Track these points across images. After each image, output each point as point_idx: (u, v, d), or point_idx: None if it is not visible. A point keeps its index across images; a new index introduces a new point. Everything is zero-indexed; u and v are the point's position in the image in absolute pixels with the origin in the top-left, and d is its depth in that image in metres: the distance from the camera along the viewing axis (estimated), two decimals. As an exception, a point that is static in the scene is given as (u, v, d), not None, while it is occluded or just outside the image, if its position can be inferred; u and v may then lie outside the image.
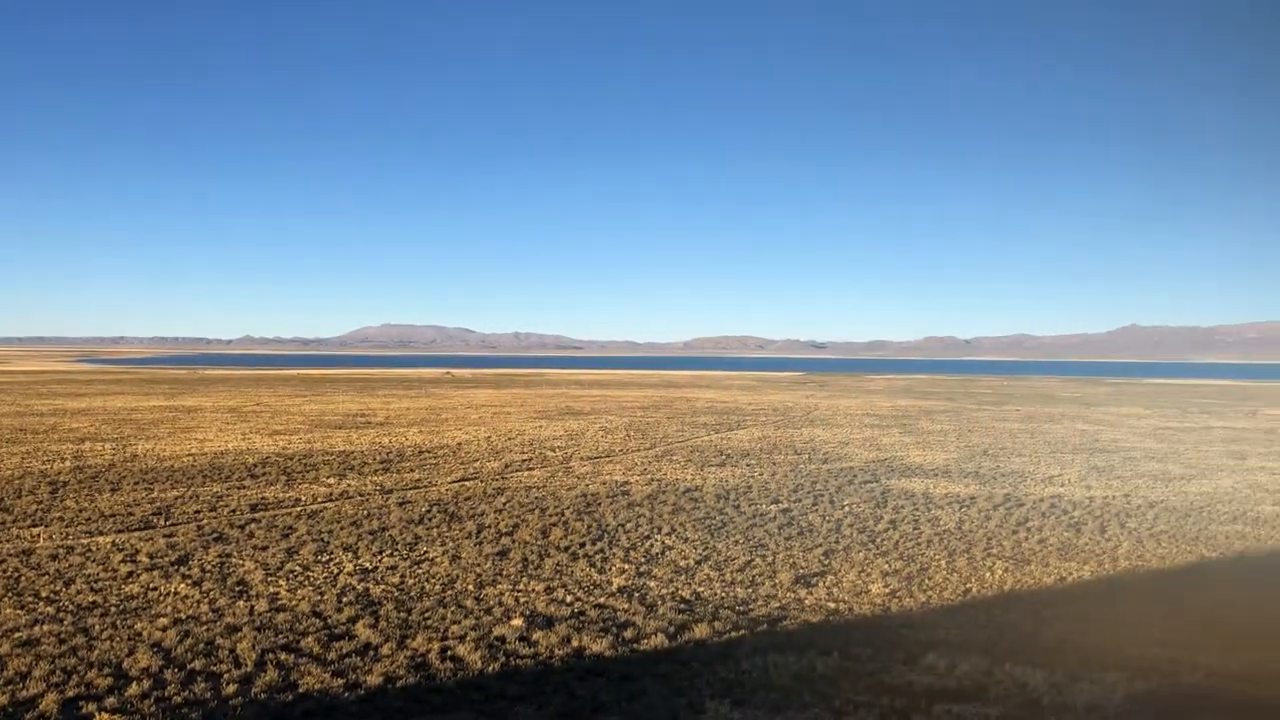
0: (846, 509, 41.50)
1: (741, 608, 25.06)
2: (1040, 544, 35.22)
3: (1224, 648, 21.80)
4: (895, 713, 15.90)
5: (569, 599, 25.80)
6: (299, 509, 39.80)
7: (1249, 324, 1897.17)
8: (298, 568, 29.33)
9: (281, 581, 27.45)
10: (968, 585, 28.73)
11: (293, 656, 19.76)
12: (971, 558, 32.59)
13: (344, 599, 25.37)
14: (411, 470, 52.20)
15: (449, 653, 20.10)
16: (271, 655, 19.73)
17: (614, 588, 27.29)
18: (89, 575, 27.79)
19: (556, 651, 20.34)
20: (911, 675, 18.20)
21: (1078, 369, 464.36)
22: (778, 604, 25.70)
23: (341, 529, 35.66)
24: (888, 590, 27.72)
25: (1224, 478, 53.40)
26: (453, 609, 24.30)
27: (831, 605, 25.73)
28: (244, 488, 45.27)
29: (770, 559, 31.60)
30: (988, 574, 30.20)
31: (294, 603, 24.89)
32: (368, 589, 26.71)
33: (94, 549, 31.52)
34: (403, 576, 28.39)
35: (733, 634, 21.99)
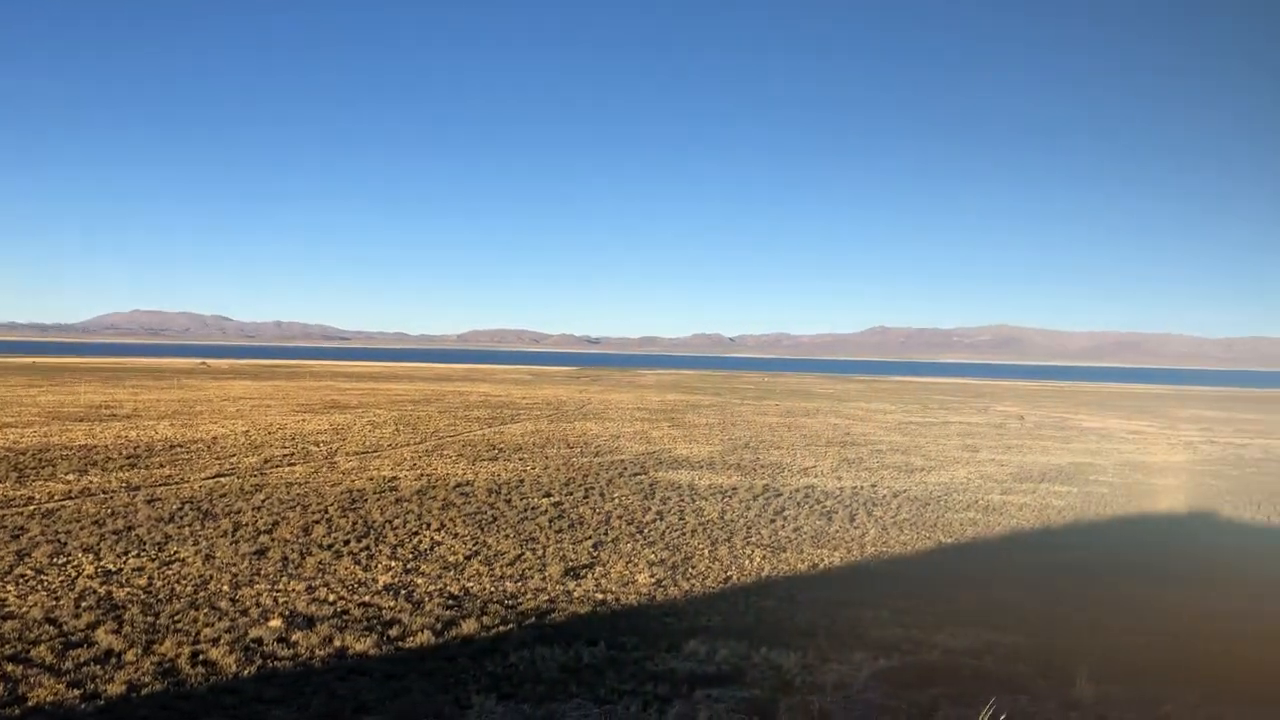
0: (616, 501, 42.17)
1: (510, 602, 24.99)
2: (796, 532, 37.00)
3: (957, 626, 23.59)
4: (658, 699, 16.27)
5: (332, 598, 24.93)
6: (32, 508, 36.55)
7: (982, 327, 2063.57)
8: (30, 571, 26.90)
9: (10, 586, 25.13)
10: (728, 573, 29.81)
11: (21, 668, 18.10)
12: (732, 546, 33.84)
13: (83, 604, 23.48)
14: (162, 466, 48.99)
15: (200, 657, 18.98)
16: (-6, 668, 18.04)
17: (379, 585, 26.59)
18: None
19: (318, 652, 19.59)
20: (674, 662, 18.69)
21: (832, 367, 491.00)
22: (547, 597, 25.79)
23: (82, 529, 32.99)
24: (654, 580, 28.35)
25: (959, 469, 57.81)
26: (205, 611, 22.97)
27: (600, 596, 26.08)
28: (-36, 486, 41.19)
29: (540, 552, 31.68)
30: (747, 561, 31.45)
31: (24, 609, 22.80)
32: (110, 592, 24.84)
33: None
34: (150, 578, 26.59)
35: (501, 628, 21.90)
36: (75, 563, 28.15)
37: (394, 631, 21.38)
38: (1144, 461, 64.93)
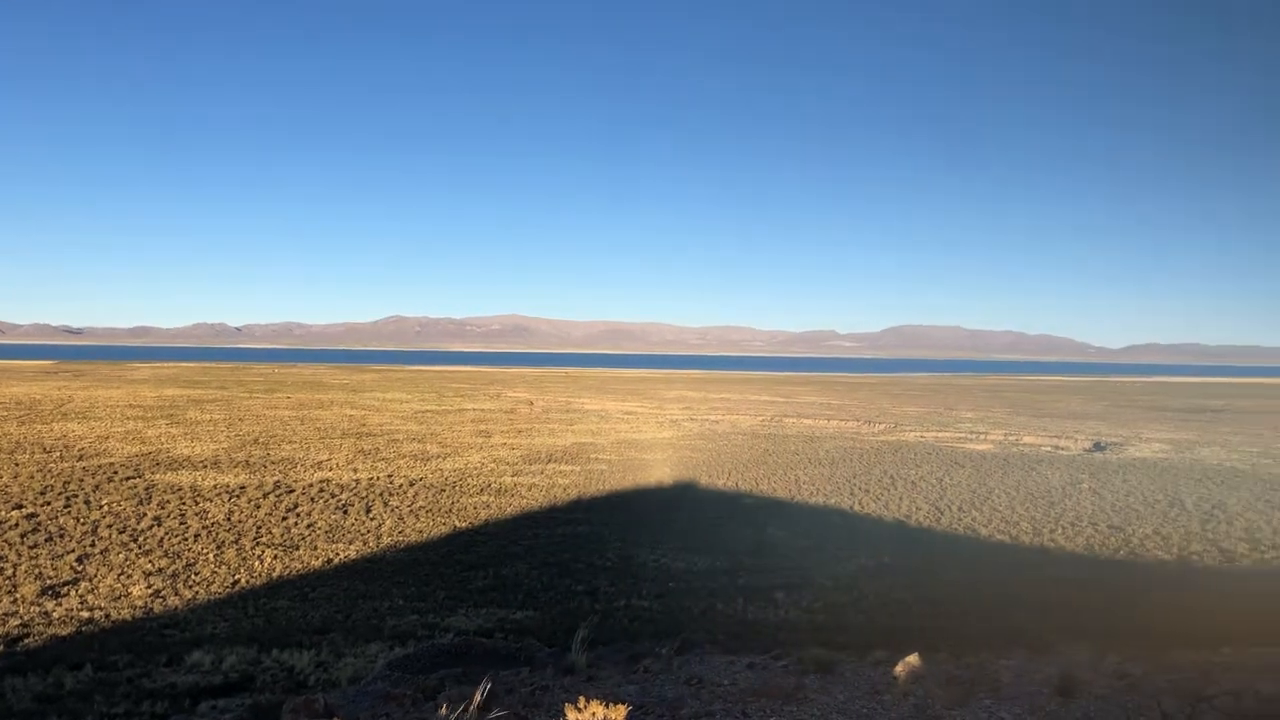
0: (105, 509, 38.19)
1: (-30, 632, 21.75)
2: (309, 528, 35.98)
3: (471, 608, 24.39)
4: (156, 718, 15.06)
5: None
6: None
7: (494, 316, 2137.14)
8: None
9: None
10: (237, 576, 28.30)
11: None
12: (241, 548, 32.13)
13: None
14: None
15: None
16: None
17: None
18: None
19: None
20: (175, 676, 17.41)
21: (346, 357, 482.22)
22: (19, 621, 22.77)
23: None
24: (151, 590, 26.15)
25: (474, 454, 59.54)
26: None
27: (85, 614, 23.53)
28: None
29: (10, 572, 27.85)
30: (257, 563, 30.05)
31: None
32: None
33: None
34: None
35: (-42, 664, 18.97)
36: None
37: None
38: (637, 439, 71.18)
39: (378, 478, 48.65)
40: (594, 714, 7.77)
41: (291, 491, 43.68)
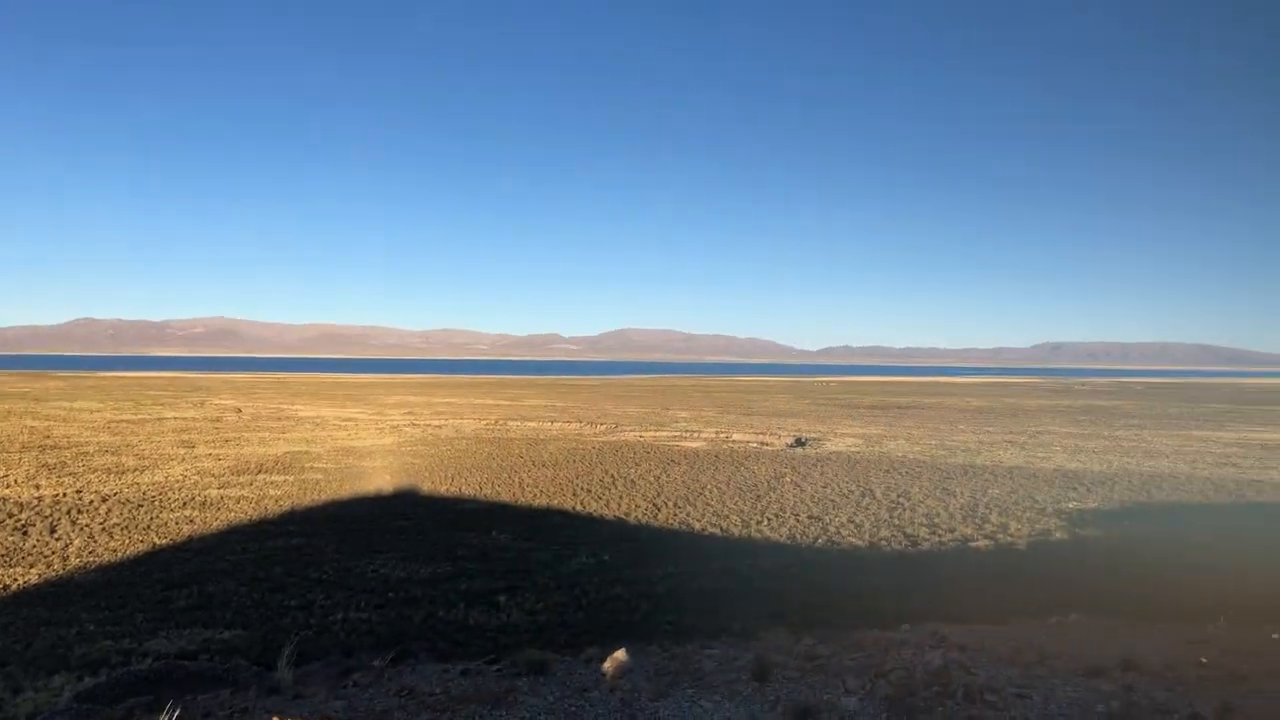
0: None
1: None
2: (-18, 553, 32.44)
3: (173, 629, 22.86)
4: None
5: None
6: None
7: (197, 319, 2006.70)
8: None
9: None
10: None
11: None
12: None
13: None
14: None
15: None
16: None
17: None
18: None
19: None
20: None
21: (29, 362, 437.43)
22: None
23: None
24: None
25: (175, 466, 55.72)
26: None
27: None
28: None
29: None
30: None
31: None
32: None
33: None
34: None
35: None
36: None
37: None
38: (355, 446, 69.10)
39: (64, 494, 44.54)
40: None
41: (-41, 513, 39.21)
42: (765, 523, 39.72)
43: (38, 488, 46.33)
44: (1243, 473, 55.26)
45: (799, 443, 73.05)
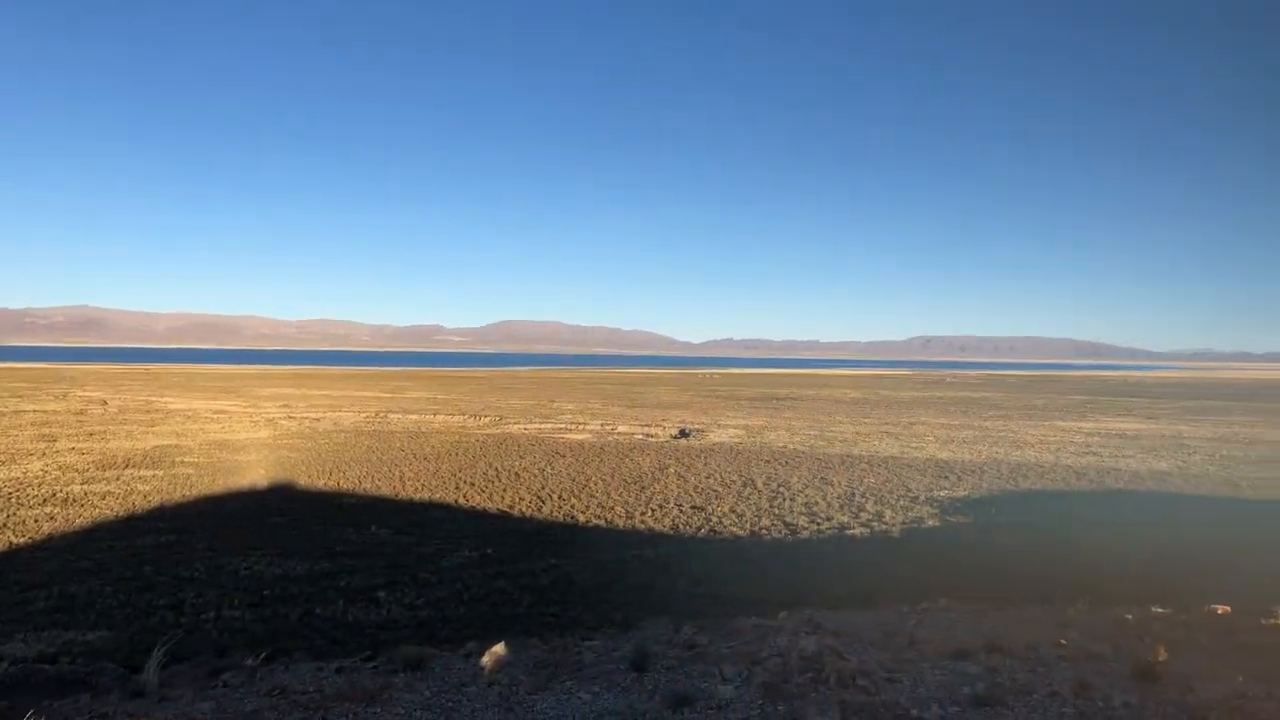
0: None
1: None
2: None
3: (31, 631, 21.88)
4: None
5: None
6: None
7: (58, 307, 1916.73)
8: None
9: None
10: None
11: None
12: None
13: None
14: None
15: None
16: None
17: None
18: None
19: None
20: None
21: None
22: None
23: None
24: None
25: (34, 462, 53.16)
26: None
27: None
28: None
29: None
30: None
31: None
32: None
33: None
34: None
35: None
36: None
37: None
38: (229, 440, 67.02)
39: (-89, 493, 42.09)
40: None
41: None
42: (649, 514, 40.02)
43: (-119, 486, 43.66)
44: (1102, 461, 58.03)
45: (683, 434, 73.76)
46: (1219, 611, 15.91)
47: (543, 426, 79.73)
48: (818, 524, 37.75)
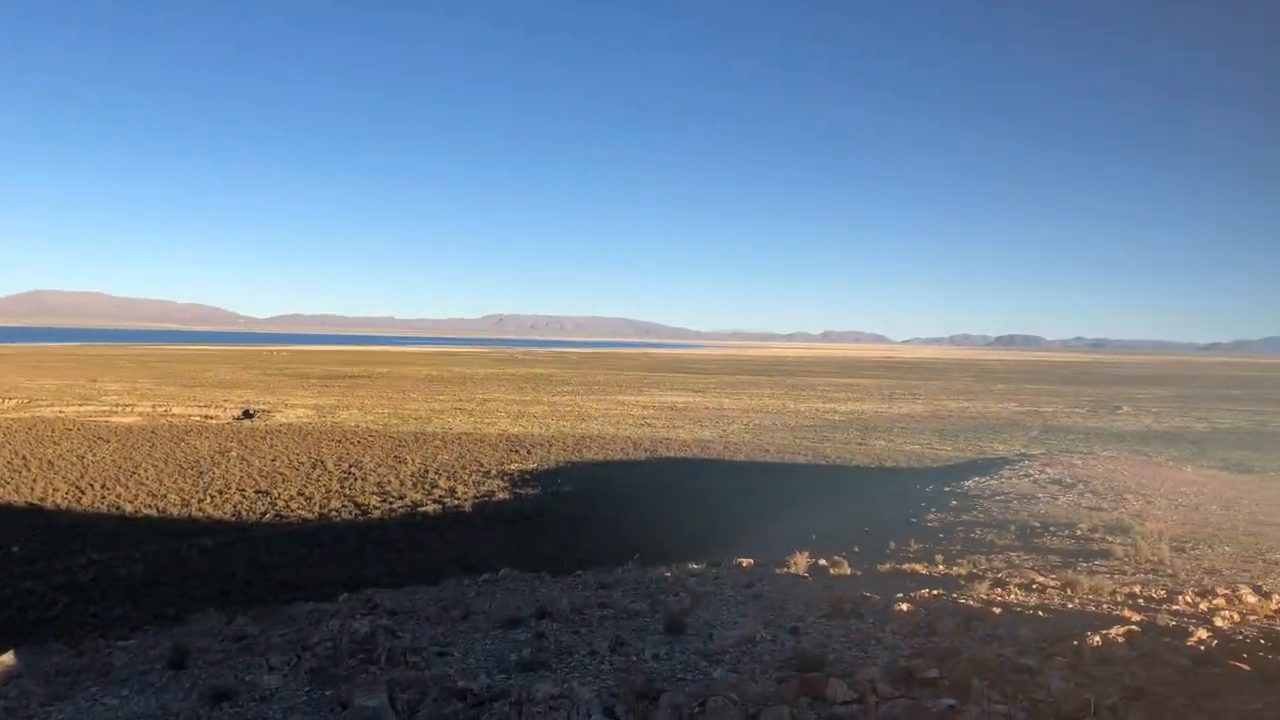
0: None
1: None
2: None
3: None
4: None
5: None
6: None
7: None
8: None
9: None
10: None
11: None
12: None
13: None
14: None
15: None
16: None
17: None
18: None
19: None
20: None
21: None
22: None
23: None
24: None
25: None
26: None
27: None
28: None
29: None
30: None
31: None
32: None
33: None
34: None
35: None
36: None
37: None
38: None
39: None
40: None
41: None
42: (208, 500, 37.72)
43: None
44: (657, 431, 62.94)
45: (247, 415, 70.04)
46: (744, 564, 18.00)
47: (82, 409, 71.93)
48: (390, 503, 37.60)
